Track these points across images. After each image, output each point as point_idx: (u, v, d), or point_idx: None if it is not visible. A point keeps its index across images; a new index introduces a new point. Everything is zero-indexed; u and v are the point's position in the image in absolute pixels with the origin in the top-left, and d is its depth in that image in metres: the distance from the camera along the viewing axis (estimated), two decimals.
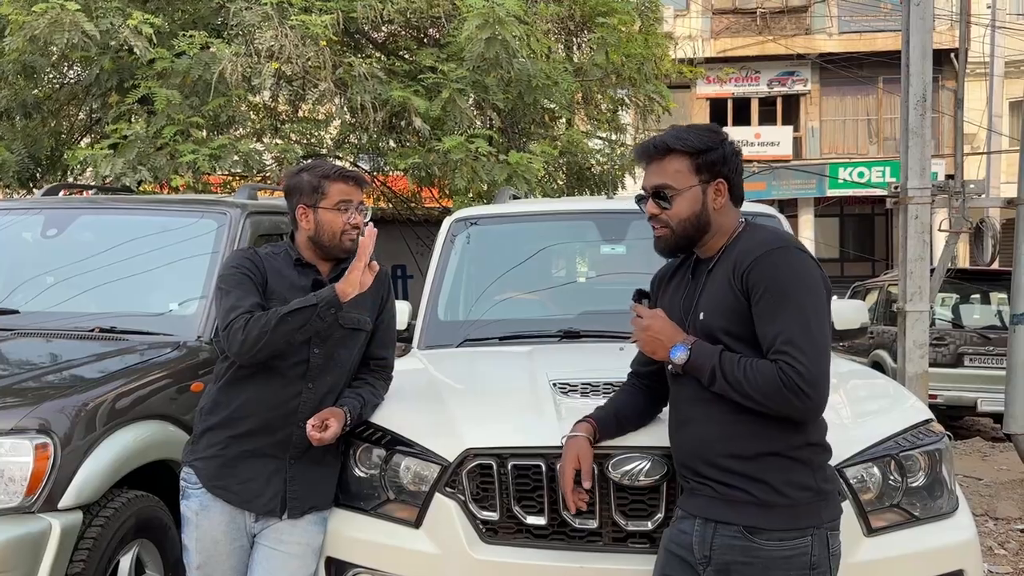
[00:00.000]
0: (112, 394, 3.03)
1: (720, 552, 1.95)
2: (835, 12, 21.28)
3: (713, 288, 2.05)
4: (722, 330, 2.00)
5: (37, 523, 2.62)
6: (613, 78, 8.29)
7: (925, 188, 6.12)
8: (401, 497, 2.45)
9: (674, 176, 2.06)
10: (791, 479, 1.93)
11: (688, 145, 2.06)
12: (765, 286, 1.94)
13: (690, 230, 2.08)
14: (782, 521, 1.92)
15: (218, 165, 5.77)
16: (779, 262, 1.96)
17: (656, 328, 2.06)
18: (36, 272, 4.02)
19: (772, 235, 2.06)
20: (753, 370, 1.91)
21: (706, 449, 2.00)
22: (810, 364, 1.88)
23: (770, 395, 1.89)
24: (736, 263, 2.00)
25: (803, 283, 1.95)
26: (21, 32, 5.55)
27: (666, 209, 2.07)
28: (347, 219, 2.51)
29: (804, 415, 1.93)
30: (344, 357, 2.55)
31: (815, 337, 1.91)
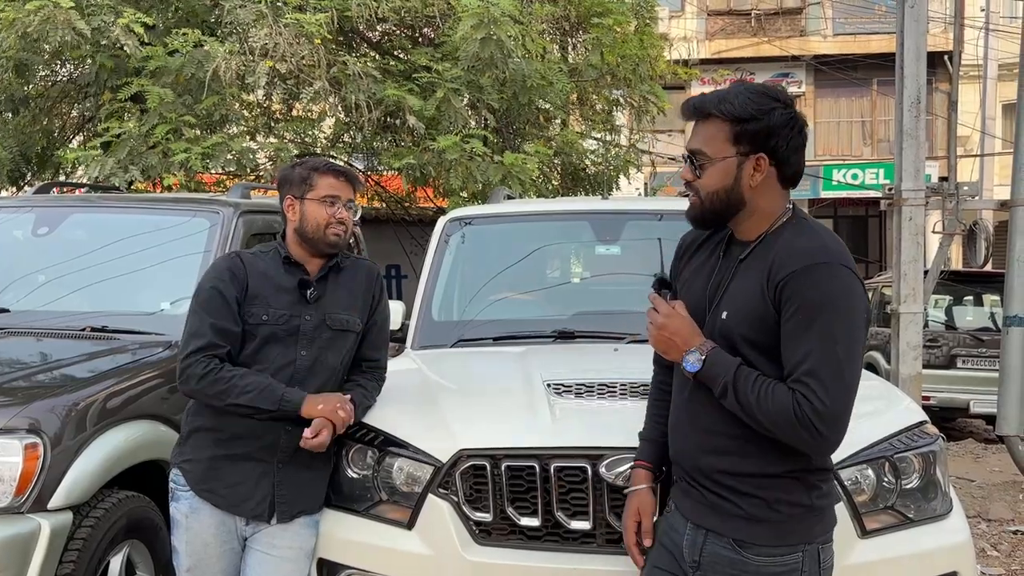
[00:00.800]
0: (103, 394, 3.01)
1: (709, 561, 1.87)
2: (830, 14, 21.32)
3: (743, 285, 1.84)
4: (743, 337, 1.82)
5: (26, 523, 2.60)
6: (608, 78, 8.29)
7: (919, 190, 6.12)
8: (394, 498, 2.44)
9: (709, 143, 1.85)
10: (785, 498, 1.82)
11: (727, 111, 1.82)
12: (799, 304, 1.74)
13: (718, 205, 1.86)
14: (772, 537, 1.82)
15: (211, 164, 5.74)
16: (821, 280, 1.74)
17: (672, 328, 1.87)
18: (27, 271, 4.00)
19: (819, 243, 1.80)
20: (767, 395, 1.74)
21: (701, 456, 1.88)
22: (830, 401, 1.71)
23: (780, 425, 1.74)
24: (773, 267, 1.79)
25: (841, 308, 1.74)
26: (13, 29, 5.52)
27: (697, 177, 1.87)
28: (333, 212, 2.48)
29: (813, 452, 1.80)
30: (332, 359, 2.52)
31: (842, 371, 1.72)
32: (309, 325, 2.49)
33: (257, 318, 2.46)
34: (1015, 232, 6.21)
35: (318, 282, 2.54)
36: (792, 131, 1.84)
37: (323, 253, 2.54)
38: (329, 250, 2.53)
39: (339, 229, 2.50)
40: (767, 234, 1.86)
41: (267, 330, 2.46)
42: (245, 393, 2.34)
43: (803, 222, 1.89)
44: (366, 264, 2.72)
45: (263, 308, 2.46)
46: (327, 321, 2.51)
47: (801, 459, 1.81)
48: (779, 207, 1.88)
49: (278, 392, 2.36)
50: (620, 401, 2.53)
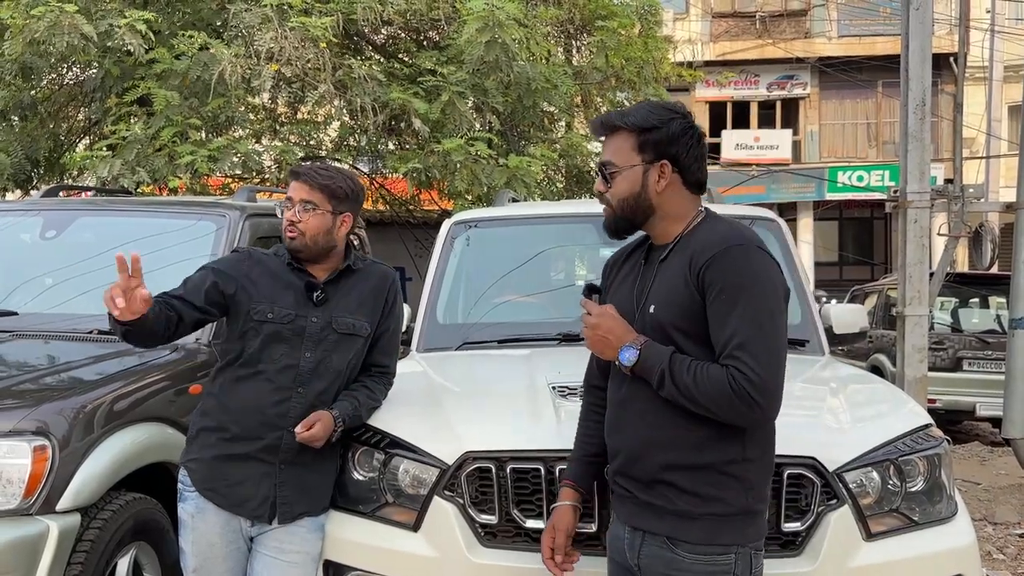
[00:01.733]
0: (110, 396, 3.02)
1: (647, 561, 1.91)
2: (834, 16, 21.30)
3: (666, 279, 1.94)
4: (673, 325, 1.90)
5: (35, 525, 2.61)
6: (613, 81, 8.30)
7: (924, 192, 6.13)
8: (399, 500, 2.45)
9: (617, 154, 1.98)
10: (720, 494, 1.85)
11: (629, 123, 1.96)
12: (721, 285, 1.83)
13: (628, 211, 1.97)
14: (704, 535, 1.85)
15: (217, 167, 5.76)
16: (738, 260, 1.85)
17: (605, 327, 1.94)
18: (35, 274, 4.01)
19: (732, 230, 1.92)
20: (703, 375, 1.81)
21: (641, 454, 1.92)
22: (763, 372, 1.78)
23: (719, 402, 1.80)
24: (693, 256, 1.89)
25: (761, 284, 1.84)
26: (21, 35, 5.55)
27: (609, 187, 1.99)
28: (287, 216, 2.49)
29: (753, 424, 1.85)
30: (337, 362, 2.52)
31: (770, 343, 1.81)
32: (315, 327, 2.50)
33: (262, 315, 2.47)
34: (1021, 234, 6.21)
35: (327, 285, 2.55)
36: (691, 140, 1.97)
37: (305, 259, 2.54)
38: (293, 253, 2.53)
39: (291, 231, 2.48)
40: (682, 235, 1.97)
41: (271, 328, 2.47)
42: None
43: (715, 217, 2.00)
44: (381, 269, 2.71)
45: (268, 306, 2.48)
46: (333, 324, 2.52)
47: (740, 448, 1.86)
48: (690, 211, 1.99)
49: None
50: None
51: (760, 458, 1.90)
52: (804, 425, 2.37)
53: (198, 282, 2.49)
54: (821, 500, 2.24)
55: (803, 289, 3.64)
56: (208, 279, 2.49)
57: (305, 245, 2.50)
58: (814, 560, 2.20)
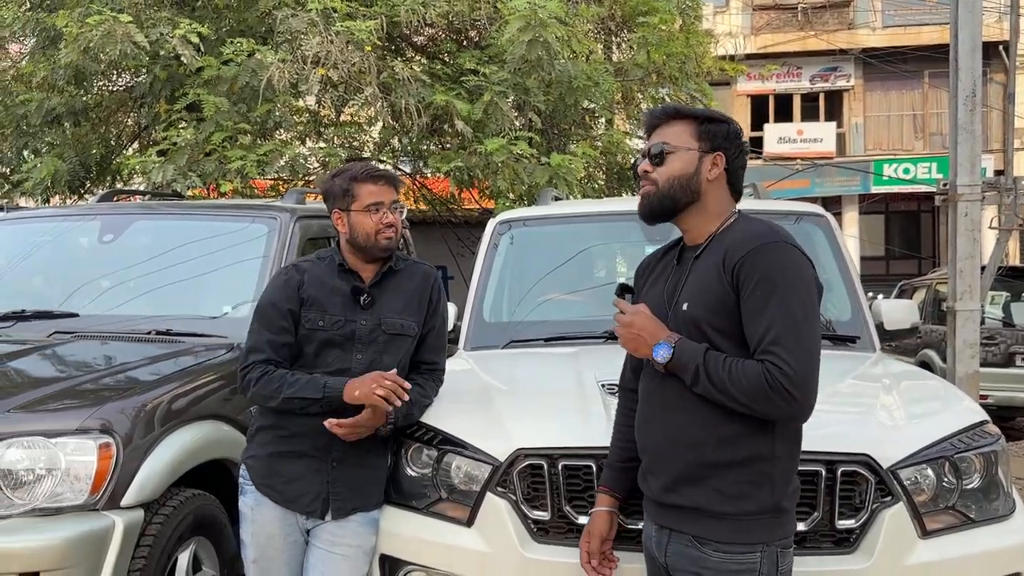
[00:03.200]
0: (169, 395, 3.10)
1: (674, 559, 1.93)
2: (879, 6, 20.93)
3: (700, 277, 1.96)
4: (706, 322, 1.91)
5: (102, 520, 2.70)
6: (654, 77, 8.28)
7: (975, 185, 6.01)
8: (453, 496, 2.49)
9: (674, 136, 2.02)
10: (748, 492, 1.87)
11: (694, 112, 2.06)
12: (756, 281, 1.85)
13: (676, 190, 2.00)
14: (731, 534, 1.87)
15: (266, 170, 5.88)
16: (773, 257, 1.87)
17: (638, 324, 1.96)
18: (94, 276, 4.12)
19: (767, 228, 1.95)
20: (738, 370, 1.83)
21: (673, 453, 1.94)
22: (798, 365, 1.80)
23: (755, 397, 1.82)
24: (727, 253, 1.91)
25: (795, 281, 1.86)
26: (76, 43, 5.71)
27: (657, 167, 2.01)
28: (379, 219, 2.54)
29: (790, 418, 1.87)
30: (388, 362, 2.57)
31: (804, 337, 1.83)
32: (364, 329, 2.56)
33: (314, 323, 2.54)
34: None
35: (373, 287, 2.60)
36: (741, 147, 2.04)
37: (378, 258, 2.60)
38: (383, 255, 2.59)
39: (389, 233, 2.55)
40: (715, 234, 2.00)
41: (324, 335, 2.54)
42: (292, 386, 2.44)
43: (748, 218, 2.04)
44: (423, 268, 2.76)
45: (319, 314, 2.54)
46: (382, 325, 2.57)
47: (770, 448, 1.88)
48: (726, 210, 2.03)
49: (321, 381, 2.44)
50: None
51: (788, 456, 1.92)
52: (857, 422, 2.37)
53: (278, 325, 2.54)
54: (875, 497, 2.24)
55: (853, 285, 3.62)
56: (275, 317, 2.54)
57: (396, 243, 2.60)
58: (869, 557, 2.20)
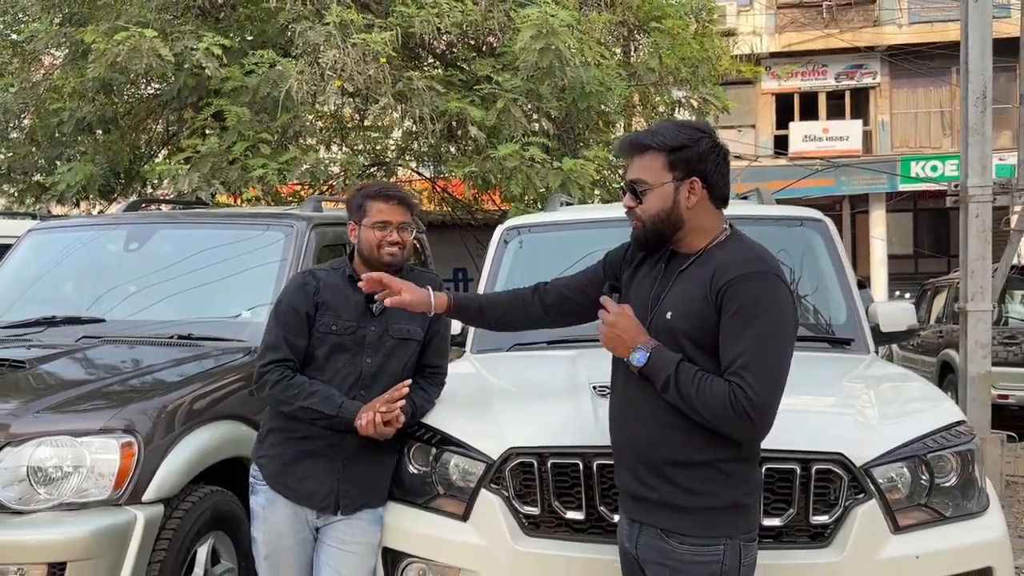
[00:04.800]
0: (189, 396, 3.27)
1: (644, 551, 2.04)
2: (905, 3, 20.75)
3: (685, 289, 2.06)
4: (686, 335, 2.01)
5: (124, 514, 2.86)
6: (670, 79, 8.35)
7: (986, 186, 6.03)
8: (450, 492, 2.63)
9: (647, 172, 2.09)
10: (712, 489, 1.98)
11: (660, 142, 2.08)
12: (737, 306, 1.95)
13: (660, 226, 2.09)
14: (695, 528, 1.98)
15: (287, 177, 6.06)
16: (758, 287, 1.97)
17: (621, 326, 2.06)
18: (120, 283, 4.30)
19: (756, 256, 2.04)
20: (706, 387, 1.93)
21: (642, 450, 2.05)
22: (762, 392, 1.90)
23: (718, 415, 1.92)
24: (716, 274, 2.01)
25: (774, 312, 1.96)
26: (103, 59, 5.93)
27: (638, 204, 2.10)
28: (384, 236, 2.69)
29: (745, 439, 1.98)
30: (395, 366, 2.73)
31: (772, 368, 1.93)
32: (374, 335, 2.71)
33: (327, 328, 2.69)
34: None
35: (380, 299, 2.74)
36: (718, 157, 2.10)
37: (382, 271, 2.74)
38: (386, 268, 2.72)
39: (393, 250, 2.70)
40: (707, 248, 2.09)
41: (335, 339, 2.69)
42: (310, 398, 2.59)
43: (740, 238, 2.13)
44: (429, 277, 2.90)
45: (332, 320, 2.69)
46: (390, 331, 2.73)
47: (734, 448, 1.99)
48: (717, 225, 2.12)
49: (338, 401, 2.60)
50: None
51: (748, 457, 2.04)
52: (833, 422, 2.46)
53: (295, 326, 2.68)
54: (849, 495, 2.34)
55: (849, 288, 3.69)
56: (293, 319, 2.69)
57: (402, 259, 2.74)
58: (841, 551, 2.30)
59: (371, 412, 2.56)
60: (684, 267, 2.10)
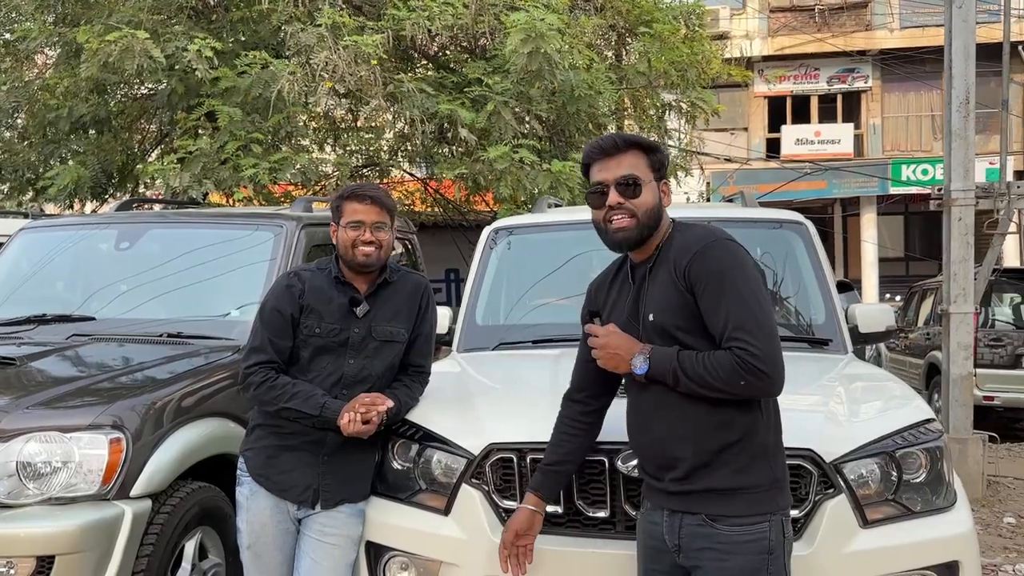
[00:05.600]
0: (178, 394, 3.31)
1: (687, 539, 2.08)
2: (896, 7, 20.88)
3: (657, 287, 2.14)
4: (673, 325, 2.10)
5: (112, 509, 2.90)
6: (661, 82, 8.42)
7: (969, 190, 6.12)
8: (432, 487, 2.68)
9: (636, 169, 2.18)
10: (751, 468, 2.05)
11: (645, 143, 2.22)
12: (706, 279, 2.05)
13: (652, 221, 2.17)
14: (742, 508, 2.04)
15: (278, 177, 6.10)
16: (717, 254, 2.07)
17: (613, 344, 2.15)
18: (110, 281, 4.34)
19: (704, 231, 2.17)
20: (712, 362, 2.01)
21: (671, 446, 2.10)
22: (762, 345, 1.99)
23: (732, 382, 1.99)
24: (676, 260, 2.11)
25: (740, 270, 2.06)
26: (96, 59, 5.97)
27: (631, 198, 2.16)
28: (358, 236, 2.72)
29: (766, 392, 2.05)
30: (378, 367, 2.78)
31: (761, 319, 2.02)
32: (357, 337, 2.76)
33: (311, 330, 2.74)
34: None
35: (368, 298, 2.80)
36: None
37: (360, 272, 2.79)
38: (362, 269, 2.77)
39: (367, 250, 2.73)
40: (661, 245, 2.20)
41: (319, 341, 2.74)
42: (293, 399, 2.65)
43: (687, 225, 2.25)
44: (415, 278, 2.97)
45: (316, 322, 2.74)
46: (373, 333, 2.78)
47: (758, 428, 2.07)
48: (668, 223, 2.25)
49: (320, 401, 2.65)
50: None
51: (775, 429, 2.12)
52: (805, 419, 2.52)
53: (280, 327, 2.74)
54: (819, 489, 2.40)
55: (828, 290, 3.76)
56: (278, 321, 2.74)
57: (379, 259, 2.77)
58: (811, 545, 2.36)
59: (351, 412, 2.61)
60: (649, 269, 2.19)
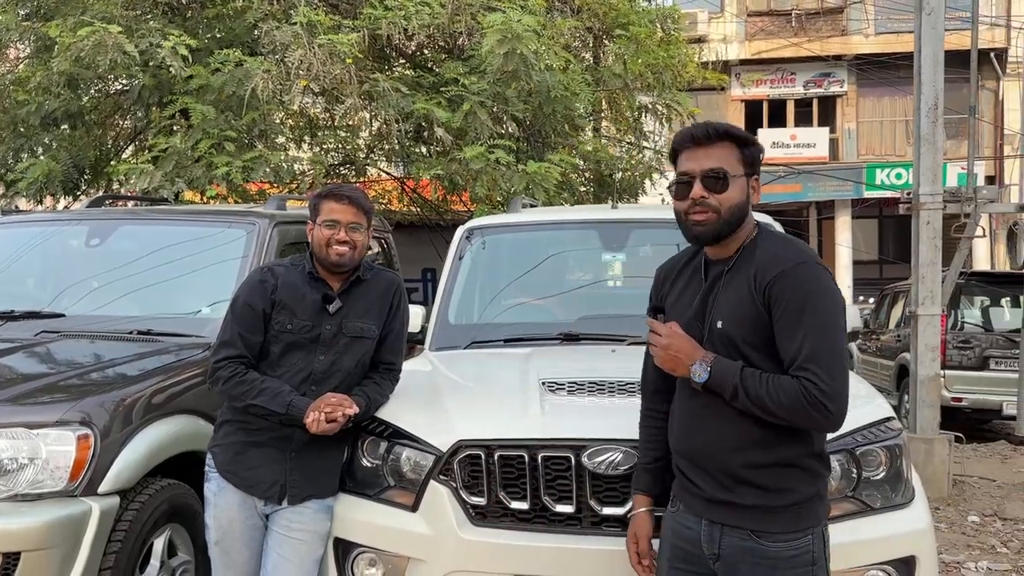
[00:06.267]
0: (148, 391, 3.30)
1: (729, 551, 2.02)
2: (872, 13, 21.13)
3: (731, 295, 2.04)
4: (741, 339, 2.01)
5: (79, 505, 2.89)
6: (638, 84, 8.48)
7: (937, 194, 6.22)
8: (401, 484, 2.70)
9: (725, 161, 2.05)
10: (797, 486, 2.00)
11: (737, 134, 2.08)
12: (788, 301, 1.95)
13: (735, 218, 2.05)
14: (787, 524, 1.99)
15: (250, 176, 6.09)
16: (804, 278, 1.96)
17: (675, 347, 2.04)
18: (81, 278, 4.32)
19: (795, 249, 2.04)
20: (775, 387, 1.93)
21: (717, 457, 2.03)
22: (832, 381, 1.90)
23: (793, 411, 1.92)
24: (758, 273, 2.00)
25: (825, 300, 1.96)
26: (68, 53, 5.92)
27: (716, 193, 2.04)
28: (333, 235, 2.74)
29: (825, 428, 1.98)
30: (347, 363, 2.79)
31: (836, 354, 1.94)
32: (328, 333, 2.77)
33: (282, 326, 2.75)
34: None
35: (340, 295, 2.81)
36: None
37: (332, 271, 2.81)
38: (335, 268, 2.78)
39: (341, 249, 2.74)
40: (742, 249, 2.08)
41: (290, 338, 2.76)
42: (260, 395, 2.66)
43: (773, 233, 2.14)
44: (388, 276, 2.99)
45: (288, 317, 2.75)
46: (344, 329, 2.79)
47: (806, 444, 2.01)
48: (752, 224, 2.13)
49: (287, 399, 2.65)
50: (608, 398, 2.77)
51: (821, 447, 2.07)
52: None
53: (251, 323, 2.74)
54: None
55: None
56: (250, 316, 2.75)
57: (352, 259, 2.78)
58: None
59: (316, 411, 2.62)
60: (726, 271, 2.08)
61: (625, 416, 2.62)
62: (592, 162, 8.13)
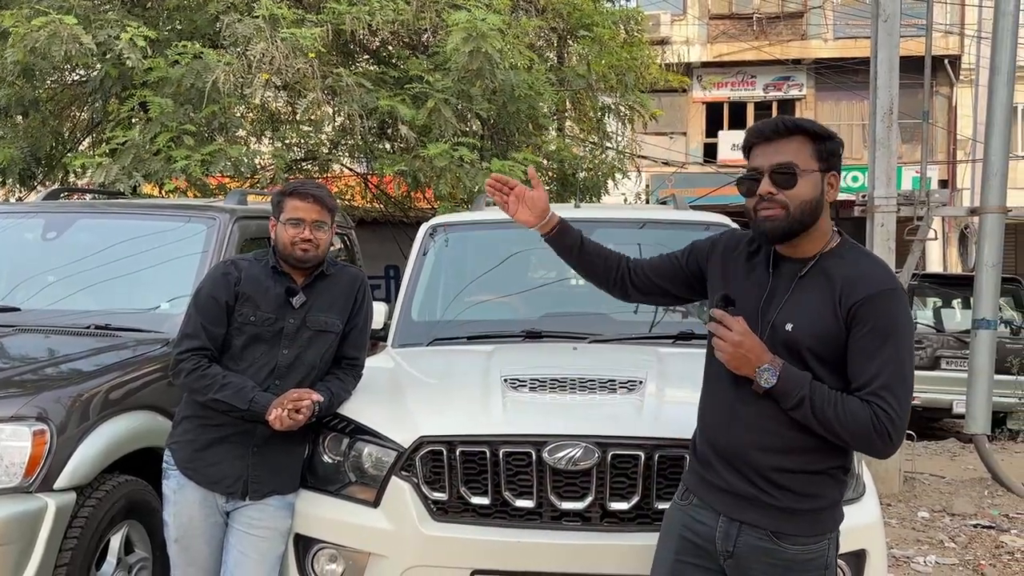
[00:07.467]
0: (105, 386, 3.26)
1: (744, 550, 2.02)
2: (831, 18, 21.51)
3: (806, 301, 1.99)
4: (808, 348, 1.96)
5: (34, 502, 2.85)
6: (602, 85, 8.55)
7: (891, 197, 6.36)
8: (362, 480, 2.71)
9: (797, 156, 1.98)
10: (823, 491, 2.01)
11: (811, 128, 2.00)
12: (872, 325, 1.92)
13: (805, 216, 1.98)
14: (808, 527, 2.00)
15: (210, 170, 6.02)
16: (890, 306, 1.94)
17: (747, 346, 1.96)
18: (37, 272, 4.25)
19: (881, 271, 2.00)
20: (844, 408, 1.91)
21: (753, 455, 2.01)
22: (902, 411, 1.91)
23: (856, 434, 1.91)
24: (843, 289, 1.95)
25: (906, 331, 1.95)
26: (22, 43, 5.81)
27: (784, 189, 1.98)
28: (297, 233, 2.74)
29: (880, 454, 1.97)
30: (311, 357, 2.79)
31: (908, 386, 1.94)
32: (292, 327, 2.77)
33: (245, 318, 2.74)
34: (983, 238, 6.44)
35: (304, 289, 2.81)
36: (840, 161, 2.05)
37: (296, 266, 2.80)
38: (299, 264, 2.79)
39: (305, 247, 2.75)
40: (821, 254, 2.03)
41: (253, 330, 2.75)
42: (223, 390, 2.64)
43: (856, 247, 2.09)
44: (352, 271, 2.99)
45: (251, 311, 2.75)
46: (307, 323, 2.79)
47: (840, 458, 2.03)
48: (830, 228, 2.06)
49: (249, 396, 2.64)
50: (568, 395, 2.80)
51: (854, 459, 2.10)
52: None
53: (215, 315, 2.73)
54: None
55: None
56: (213, 308, 2.74)
57: (316, 257, 2.78)
58: None
59: (279, 408, 2.62)
60: (802, 274, 2.03)
61: (585, 412, 2.66)
62: (555, 161, 8.17)
